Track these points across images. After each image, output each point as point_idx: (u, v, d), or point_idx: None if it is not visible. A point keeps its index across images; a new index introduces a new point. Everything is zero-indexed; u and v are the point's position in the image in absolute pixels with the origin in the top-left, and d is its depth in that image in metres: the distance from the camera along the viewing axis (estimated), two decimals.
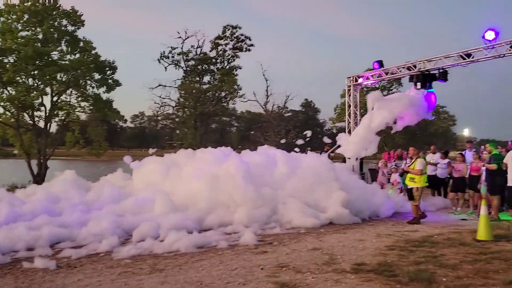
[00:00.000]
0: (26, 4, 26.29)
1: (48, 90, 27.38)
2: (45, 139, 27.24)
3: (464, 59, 12.40)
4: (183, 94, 41.11)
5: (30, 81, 26.39)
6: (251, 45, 41.80)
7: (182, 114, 42.87)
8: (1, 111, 26.61)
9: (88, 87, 28.79)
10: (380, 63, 15.54)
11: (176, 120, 46.09)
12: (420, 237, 9.01)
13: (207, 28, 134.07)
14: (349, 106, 16.65)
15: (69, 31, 28.18)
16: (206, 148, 14.80)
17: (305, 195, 11.54)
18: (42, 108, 27.38)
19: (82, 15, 28.44)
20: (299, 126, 56.83)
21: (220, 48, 41.62)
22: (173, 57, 41.21)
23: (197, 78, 42.23)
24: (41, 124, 27.66)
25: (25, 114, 27.36)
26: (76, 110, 29.29)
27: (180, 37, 40.44)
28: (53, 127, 30.48)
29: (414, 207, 11.05)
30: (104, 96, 29.47)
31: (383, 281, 5.87)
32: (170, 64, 41.29)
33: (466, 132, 68.98)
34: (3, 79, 24.43)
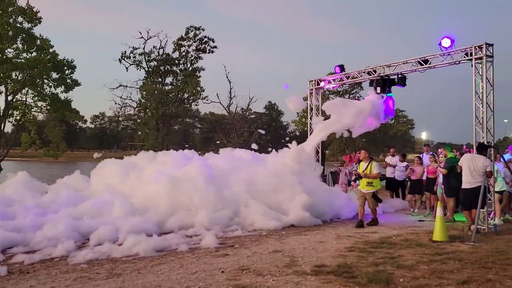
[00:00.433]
0: None
1: (2, 88, 26.56)
2: None
3: (422, 65, 12.70)
4: (144, 95, 40.50)
5: None
6: (214, 46, 41.60)
7: (143, 115, 42.22)
8: None
9: (45, 86, 28.06)
10: (342, 68, 15.71)
11: (137, 121, 45.35)
12: (379, 238, 9.19)
13: (170, 29, 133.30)
14: (311, 109, 16.81)
15: (25, 28, 27.30)
16: (168, 151, 14.61)
17: (268, 197, 11.54)
18: None
19: (39, 12, 27.65)
20: (262, 128, 57.13)
21: (183, 49, 41.22)
22: (134, 57, 40.51)
23: (159, 79, 41.68)
24: None
25: None
26: (32, 110, 28.54)
27: (142, 37, 39.82)
28: (8, 127, 29.47)
29: (373, 210, 11.23)
30: (63, 96, 28.79)
31: (342, 282, 5.93)
32: (131, 64, 40.56)
33: (424, 136, 71.35)
34: None
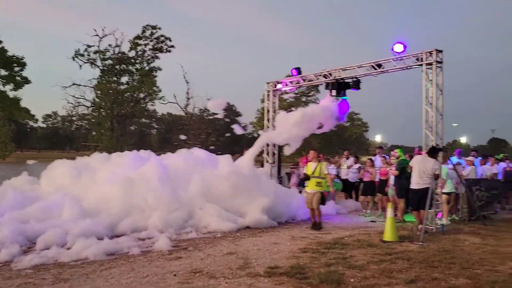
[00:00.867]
0: None
1: None
2: None
3: (376, 69, 13.02)
4: (99, 94, 39.58)
5: None
6: (171, 46, 41.25)
7: (98, 115, 41.19)
8: None
9: None
10: (298, 70, 15.84)
11: (92, 121, 44.22)
12: (332, 239, 9.33)
13: (126, 28, 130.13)
14: (268, 111, 16.87)
15: None
16: (123, 152, 14.27)
17: (226, 200, 11.45)
18: None
19: None
20: (219, 129, 56.94)
21: (139, 48, 40.62)
22: (88, 55, 39.54)
23: (115, 78, 40.81)
24: None
25: None
26: None
27: (97, 35, 38.91)
28: None
29: (318, 211, 10.98)
30: (11, 94, 27.65)
31: (295, 283, 5.97)
32: (85, 62, 39.56)
33: (378, 138, 73.38)
34: None
